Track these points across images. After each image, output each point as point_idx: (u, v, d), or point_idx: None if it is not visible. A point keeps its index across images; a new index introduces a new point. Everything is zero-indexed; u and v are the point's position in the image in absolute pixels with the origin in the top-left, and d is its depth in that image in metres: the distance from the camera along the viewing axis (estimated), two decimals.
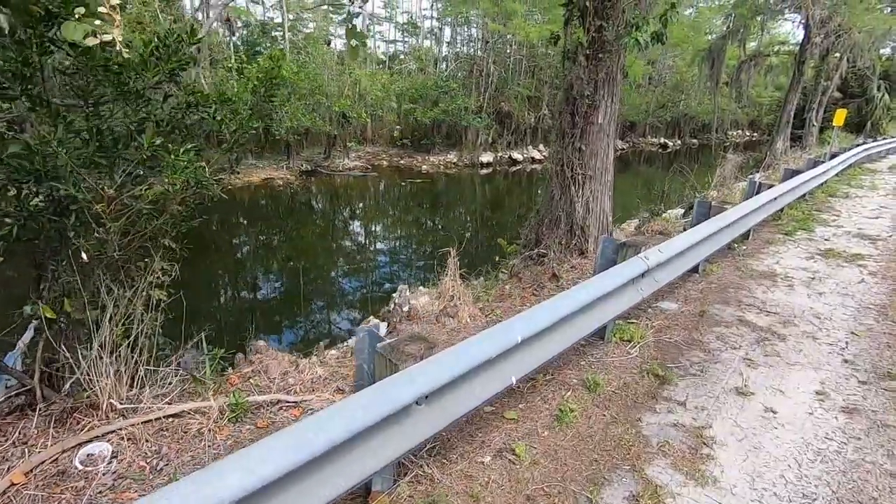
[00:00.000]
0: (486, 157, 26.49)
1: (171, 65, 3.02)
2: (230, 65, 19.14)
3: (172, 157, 2.97)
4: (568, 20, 6.19)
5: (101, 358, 3.06)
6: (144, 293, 3.40)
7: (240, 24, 21.79)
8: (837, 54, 24.57)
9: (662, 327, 5.04)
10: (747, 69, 28.37)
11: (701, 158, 36.75)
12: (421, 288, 9.14)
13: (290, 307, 9.31)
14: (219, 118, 3.50)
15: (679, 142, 41.92)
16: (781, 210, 9.46)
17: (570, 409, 3.58)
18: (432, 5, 32.45)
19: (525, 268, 7.34)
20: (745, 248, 7.92)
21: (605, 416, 3.60)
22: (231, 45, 20.27)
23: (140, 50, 2.98)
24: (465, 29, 30.59)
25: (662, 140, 41.11)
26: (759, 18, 25.42)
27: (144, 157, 2.92)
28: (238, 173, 4.79)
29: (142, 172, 3.08)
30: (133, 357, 3.34)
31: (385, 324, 5.26)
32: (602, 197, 6.81)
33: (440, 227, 16.20)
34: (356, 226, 15.73)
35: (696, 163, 34.95)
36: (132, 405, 3.17)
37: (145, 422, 3.06)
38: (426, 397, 2.38)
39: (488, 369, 2.79)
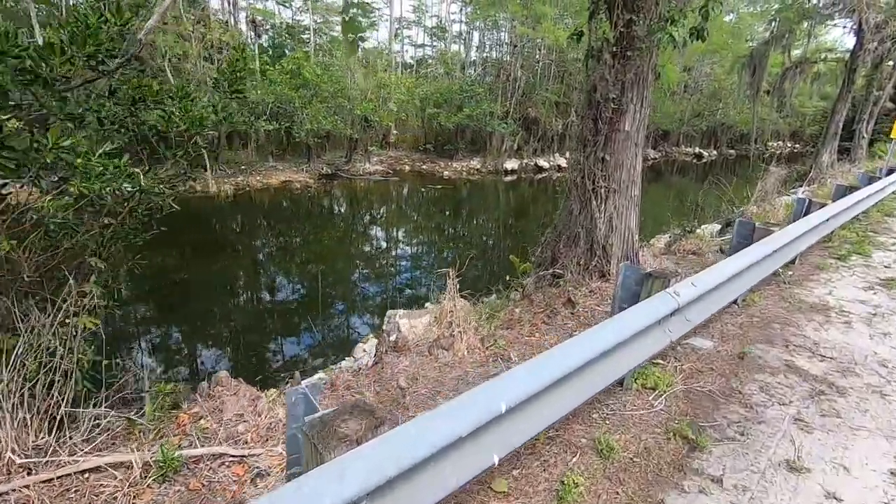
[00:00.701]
0: (511, 164, 25.75)
1: (88, 49, 2.51)
2: (252, 66, 19.02)
3: (81, 160, 2.44)
4: (593, 13, 5.49)
5: None
6: (72, 320, 2.88)
7: (267, 26, 21.76)
8: (892, 62, 22.92)
9: (693, 372, 4.27)
10: (791, 77, 26.80)
11: (738, 170, 35.12)
12: (428, 305, 8.54)
13: (291, 318, 8.83)
14: (165, 116, 2.97)
15: (715, 152, 40.22)
16: (832, 231, 8.46)
17: (575, 484, 2.89)
18: (461, 9, 31.99)
19: (539, 289, 6.64)
20: (791, 273, 7.01)
21: (618, 495, 2.88)
22: (256, 46, 20.19)
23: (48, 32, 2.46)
24: (494, 33, 29.99)
25: (697, 150, 39.52)
26: (805, 24, 23.99)
27: (46, 161, 2.39)
28: (194, 179, 4.32)
29: (55, 179, 2.56)
30: (52, 396, 2.81)
31: (324, 378, 4.65)
32: (627, 213, 6.05)
33: (459, 235, 15.57)
34: (370, 232, 15.24)
35: (734, 175, 33.48)
36: (40, 458, 2.63)
37: (47, 481, 2.52)
38: (368, 495, 1.75)
39: (462, 447, 2.13)
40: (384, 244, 14.20)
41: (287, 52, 21.95)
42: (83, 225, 2.82)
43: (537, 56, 26.95)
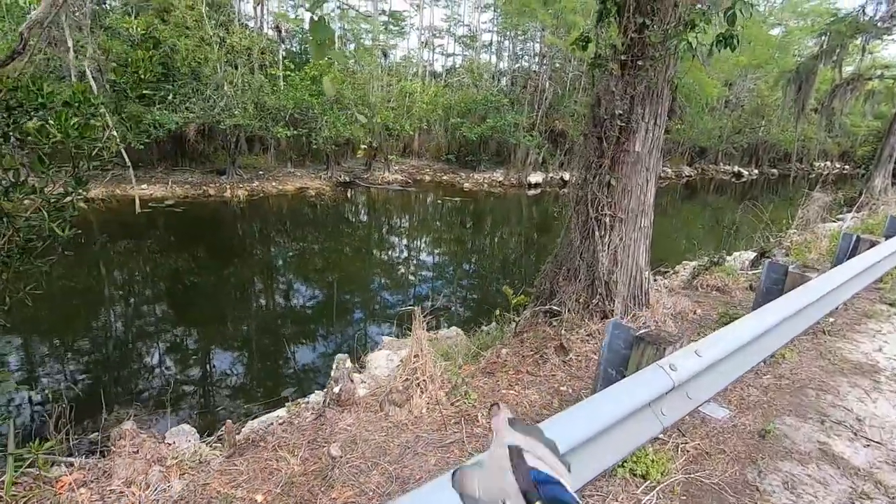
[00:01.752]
0: (536, 178, 24.92)
1: None
2: (274, 71, 18.97)
3: None
4: (601, 16, 4.77)
5: None
6: None
7: (291, 31, 21.75)
8: None
9: (699, 454, 3.44)
10: (842, 94, 25.01)
11: (780, 191, 33.18)
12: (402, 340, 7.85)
13: (274, 334, 8.31)
14: (36, 126, 2.44)
15: (756, 171, 38.22)
16: (885, 271, 7.37)
17: None
18: (492, 19, 31.50)
19: (533, 326, 5.89)
20: (832, 320, 6.02)
21: None
22: (280, 52, 20.17)
23: None
24: (524, 43, 29.32)
25: (736, 168, 37.64)
26: (859, 39, 22.37)
27: None
28: (83, 194, 3.87)
29: None
30: None
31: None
32: (635, 246, 5.25)
33: (475, 249, 14.86)
34: (376, 244, 14.71)
35: (775, 195, 31.61)
36: None
37: None
38: None
39: None
40: (390, 257, 13.64)
41: (312, 58, 21.86)
42: None
43: (568, 68, 26.13)
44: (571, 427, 2.28)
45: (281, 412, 5.26)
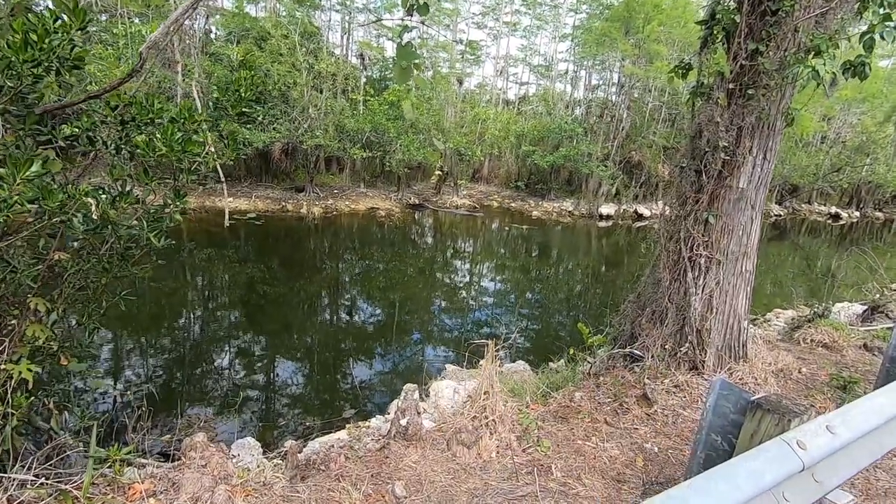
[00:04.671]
0: (608, 209, 24.05)
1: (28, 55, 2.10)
2: (355, 96, 19.85)
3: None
4: (705, 43, 4.43)
5: None
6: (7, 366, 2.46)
7: (373, 59, 22.76)
8: None
9: None
10: None
11: (886, 237, 29.82)
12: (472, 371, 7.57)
13: (340, 353, 8.36)
14: (146, 140, 2.53)
15: (857, 213, 34.71)
16: None
17: None
18: (569, 48, 31.36)
19: (610, 369, 5.45)
20: None
21: None
22: (362, 78, 21.13)
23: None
24: (601, 73, 28.85)
25: (834, 209, 34.40)
26: None
27: None
28: (182, 206, 3.97)
29: None
30: None
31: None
32: (735, 292, 4.73)
33: (541, 279, 14.43)
34: (440, 267, 14.65)
35: (880, 241, 28.42)
36: None
37: None
38: None
39: None
40: (452, 280, 13.51)
41: (391, 84, 22.74)
42: (16, 259, 2.43)
43: (648, 98, 25.30)
44: None
45: (342, 434, 5.17)
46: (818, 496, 2.51)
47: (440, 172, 18.62)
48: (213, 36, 21.97)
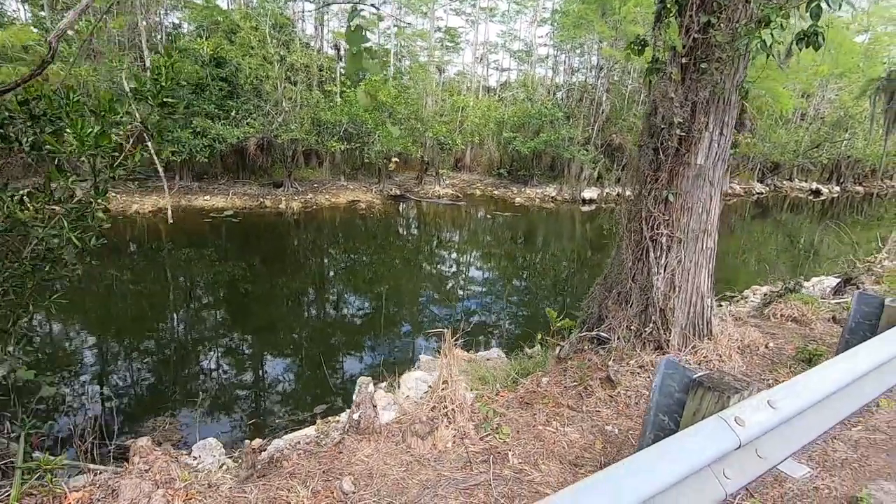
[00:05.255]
0: (590, 193, 24.06)
1: None
2: (330, 88, 19.54)
3: None
4: (659, 17, 4.34)
5: None
6: None
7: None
8: None
9: None
10: None
11: (866, 210, 30.21)
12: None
13: (311, 346, 8.26)
14: (53, 135, 2.39)
15: (837, 189, 35.11)
16: None
17: None
18: (548, 33, 31.11)
19: (578, 352, 5.42)
20: None
21: None
22: (339, 69, 20.78)
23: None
24: (580, 56, 28.68)
25: (814, 185, 34.77)
26: None
27: None
28: (104, 204, 3.83)
29: None
30: None
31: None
32: (696, 270, 4.70)
33: (519, 267, 14.40)
34: (419, 257, 14.56)
35: (860, 215, 28.80)
36: None
37: None
38: None
39: None
40: (436, 271, 13.43)
41: (368, 75, 22.44)
42: None
43: (626, 80, 25.22)
44: (613, 492, 1.89)
45: (310, 431, 5.10)
46: (763, 470, 2.49)
47: (397, 160, 18.38)
48: (184, 31, 21.47)
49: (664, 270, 4.65)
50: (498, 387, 5.32)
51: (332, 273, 12.54)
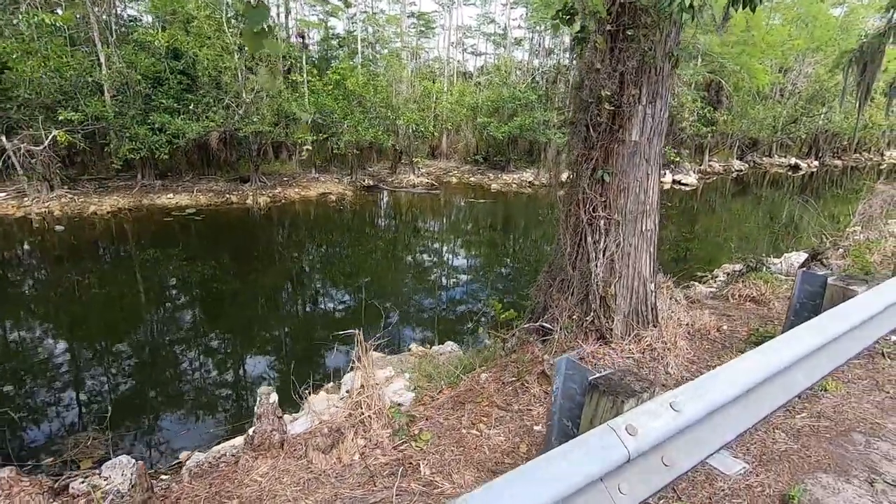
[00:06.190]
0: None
1: None
2: (295, 77, 18.95)
3: None
4: None
5: None
6: None
7: (316, 38, 21.76)
8: None
9: None
10: None
11: (845, 184, 30.31)
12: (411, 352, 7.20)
13: (269, 348, 7.93)
14: None
15: (816, 163, 35.20)
16: None
17: None
18: (523, 15, 30.55)
19: (524, 344, 5.16)
20: (894, 339, 4.93)
21: None
22: (304, 58, 20.14)
23: None
24: (553, 38, 28.19)
25: (793, 160, 34.81)
26: None
27: None
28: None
29: None
30: None
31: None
32: (637, 254, 4.42)
33: (493, 254, 14.12)
34: (390, 249, 14.21)
35: (839, 188, 28.90)
36: None
37: None
38: None
39: None
40: (397, 262, 13.11)
41: (336, 62, 21.83)
42: None
43: None
44: None
45: (239, 440, 4.80)
46: (668, 480, 2.22)
47: (309, 148, 17.81)
48: (141, 23, 20.66)
49: (602, 255, 4.37)
50: (442, 384, 5.05)
51: (294, 268, 12.16)
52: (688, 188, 24.98)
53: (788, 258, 10.17)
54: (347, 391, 3.86)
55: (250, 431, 3.23)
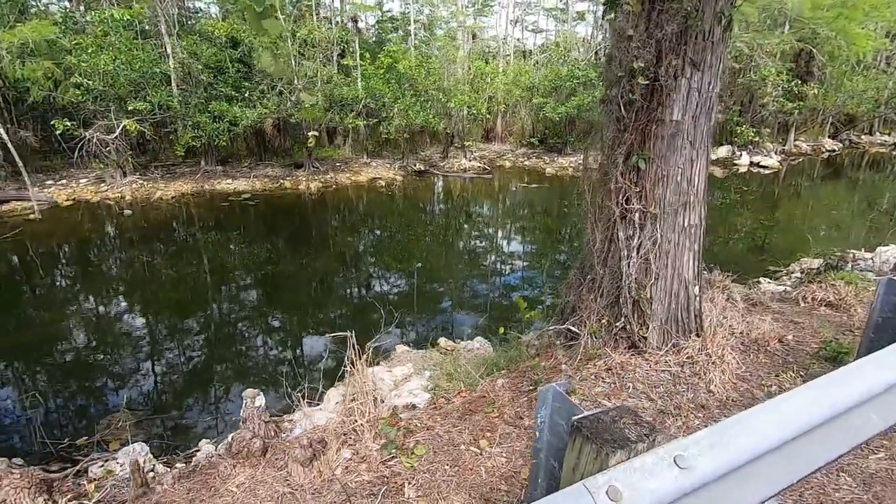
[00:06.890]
0: None
1: None
2: (347, 62, 18.98)
3: None
4: None
5: None
6: None
7: (371, 21, 21.64)
8: None
9: None
10: None
11: None
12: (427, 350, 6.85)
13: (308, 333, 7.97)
14: None
15: None
16: None
17: None
18: None
19: (548, 348, 4.72)
20: None
21: None
22: (357, 42, 20.14)
23: None
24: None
25: None
26: None
27: None
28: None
29: None
30: None
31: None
32: (677, 252, 3.82)
33: (544, 242, 13.52)
34: (430, 236, 13.95)
35: None
36: None
37: None
38: None
39: None
40: (448, 247, 12.83)
41: (390, 45, 21.65)
42: None
43: None
44: None
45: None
46: None
47: (316, 134, 17.37)
48: (204, 13, 21.53)
49: (636, 253, 3.81)
50: (461, 385, 4.74)
51: (348, 252, 12.24)
52: (768, 171, 22.69)
53: (884, 252, 8.78)
54: (342, 396, 3.64)
55: (230, 437, 3.08)
